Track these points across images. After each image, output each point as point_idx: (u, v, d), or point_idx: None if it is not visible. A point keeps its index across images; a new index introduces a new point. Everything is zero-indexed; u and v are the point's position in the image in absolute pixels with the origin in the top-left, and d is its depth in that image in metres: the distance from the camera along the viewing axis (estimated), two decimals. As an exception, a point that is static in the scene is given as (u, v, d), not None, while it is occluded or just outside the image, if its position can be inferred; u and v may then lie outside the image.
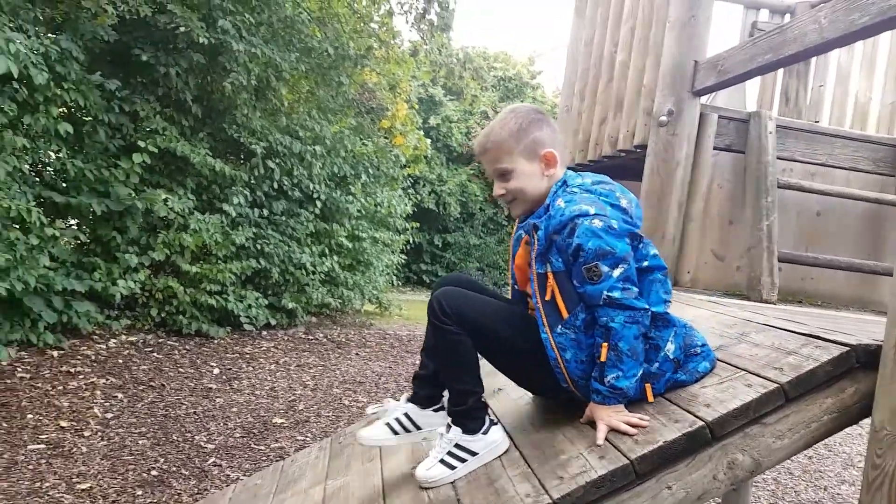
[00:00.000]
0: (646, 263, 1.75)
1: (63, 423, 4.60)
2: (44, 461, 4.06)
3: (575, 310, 1.67)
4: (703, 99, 3.45)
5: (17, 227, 5.56)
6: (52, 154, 6.19)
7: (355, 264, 10.33)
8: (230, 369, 6.52)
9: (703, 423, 1.57)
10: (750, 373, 1.74)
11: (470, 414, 1.74)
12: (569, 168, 1.90)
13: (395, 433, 1.84)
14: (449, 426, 1.75)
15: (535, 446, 1.80)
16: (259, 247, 8.07)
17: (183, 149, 6.96)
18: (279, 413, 5.51)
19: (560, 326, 1.68)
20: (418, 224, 12.83)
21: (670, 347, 1.75)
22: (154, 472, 4.10)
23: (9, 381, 5.12)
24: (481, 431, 1.74)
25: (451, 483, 1.74)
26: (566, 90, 4.68)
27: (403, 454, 2.06)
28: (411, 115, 12.09)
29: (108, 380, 5.53)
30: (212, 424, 5.03)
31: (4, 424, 4.44)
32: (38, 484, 3.77)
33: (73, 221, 6.69)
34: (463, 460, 1.72)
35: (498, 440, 1.78)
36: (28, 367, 5.43)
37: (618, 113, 3.86)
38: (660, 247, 3.09)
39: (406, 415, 1.85)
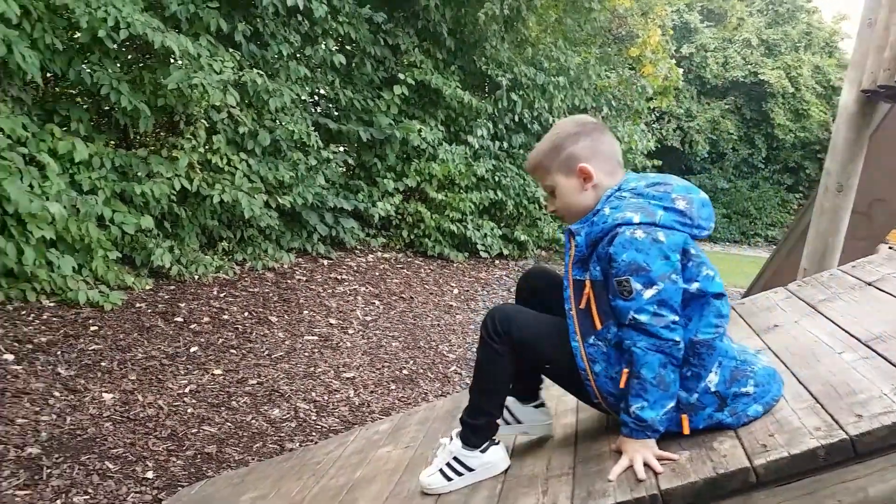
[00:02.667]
0: (696, 286, 1.54)
1: (332, 321, 5.26)
2: (316, 351, 4.69)
3: (608, 322, 1.55)
4: None
5: (299, 149, 6.33)
6: (326, 85, 6.89)
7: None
8: (467, 290, 6.90)
9: None
10: None
11: (476, 431, 1.72)
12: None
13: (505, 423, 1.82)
14: (452, 437, 1.75)
15: (822, 382, 1.63)
16: (497, 179, 8.29)
17: (436, 81, 7.30)
18: (515, 336, 5.74)
19: (592, 337, 1.58)
20: (660, 162, 12.15)
21: (713, 378, 1.54)
22: (405, 372, 4.54)
23: (289, 281, 5.96)
24: (479, 449, 1.71)
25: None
26: (870, 0, 3.98)
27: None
28: (664, 41, 11.29)
29: (367, 288, 6.19)
30: (452, 337, 5.41)
31: (286, 317, 5.20)
32: (311, 368, 4.39)
33: (341, 148, 7.44)
34: (460, 473, 1.71)
35: (495, 461, 1.72)
36: (304, 272, 6.27)
37: (939, 21, 3.20)
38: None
39: (507, 407, 1.82)
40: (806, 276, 3.24)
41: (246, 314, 5.09)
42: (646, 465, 1.46)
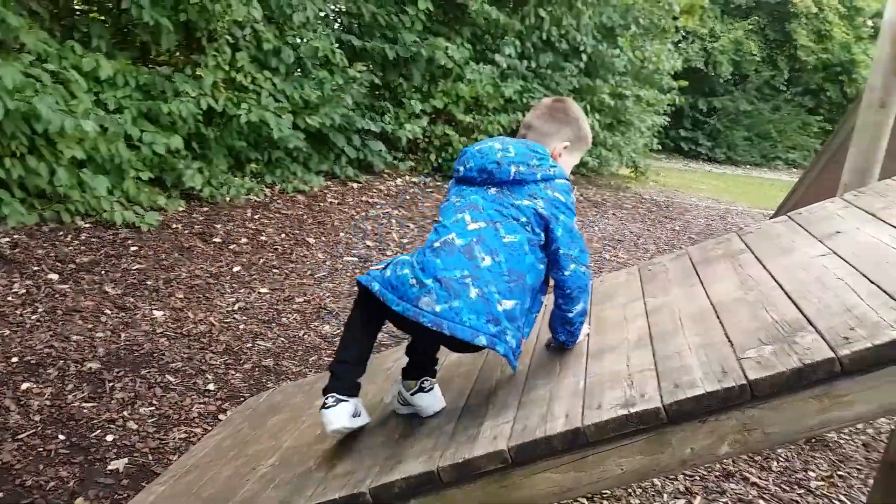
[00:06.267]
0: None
1: (369, 243, 5.32)
2: (358, 270, 4.77)
3: None
4: None
5: (323, 67, 6.22)
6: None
7: (615, 124, 9.98)
8: (498, 214, 6.92)
9: None
10: None
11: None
12: None
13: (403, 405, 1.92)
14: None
15: (895, 282, 1.65)
16: (525, 100, 8.14)
17: (463, -6, 7.08)
18: (546, 257, 5.79)
19: None
20: (685, 83, 11.85)
21: None
22: (445, 291, 4.64)
23: (322, 204, 5.99)
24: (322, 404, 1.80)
25: (793, 303, 1.70)
26: None
27: (730, 282, 2.04)
28: (691, -44, 10.86)
29: (400, 211, 6.23)
30: (487, 258, 5.49)
31: (323, 239, 5.26)
32: (355, 288, 4.46)
33: (365, 67, 7.28)
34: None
35: (323, 419, 1.76)
36: (335, 195, 6.29)
37: None
38: None
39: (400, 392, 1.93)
40: (848, 191, 3.22)
41: (283, 235, 5.15)
42: None
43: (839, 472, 3.03)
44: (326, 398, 1.78)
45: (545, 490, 1.49)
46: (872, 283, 1.71)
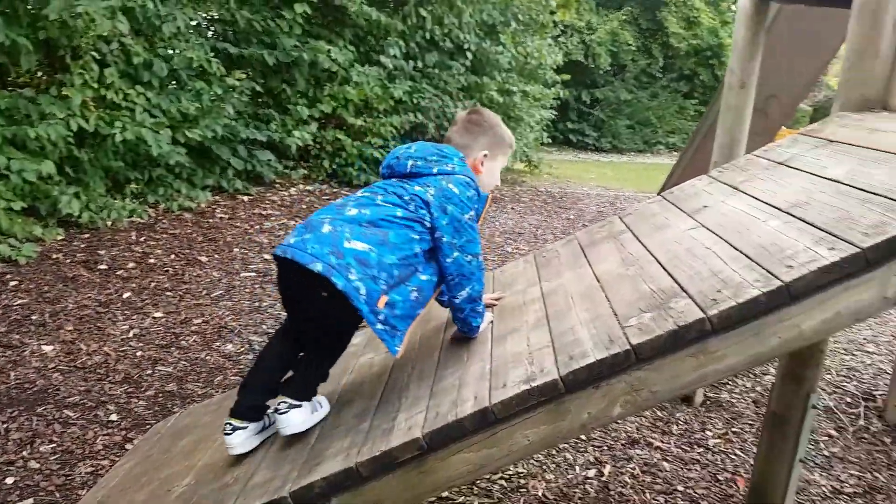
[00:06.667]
0: None
1: (266, 256, 5.21)
2: (257, 286, 4.67)
3: None
4: None
5: (200, 78, 6.02)
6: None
7: (506, 120, 10.21)
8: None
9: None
10: None
11: None
12: None
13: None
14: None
15: (754, 246, 1.84)
16: (415, 101, 8.22)
17: (341, -4, 7.04)
18: (447, 253, 5.88)
19: None
20: (568, 77, 12.32)
21: None
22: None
23: (211, 220, 5.81)
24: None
25: (668, 273, 1.85)
26: None
27: (613, 261, 2.18)
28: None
29: (296, 221, 6.13)
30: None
31: (217, 256, 5.11)
32: (256, 304, 4.37)
33: (244, 74, 7.09)
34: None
35: (226, 443, 1.84)
36: (225, 209, 6.11)
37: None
38: (871, 68, 2.80)
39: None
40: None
41: (172, 256, 4.96)
42: None
43: (733, 429, 3.29)
44: (225, 425, 1.81)
45: (461, 469, 1.56)
46: (735, 248, 1.90)
